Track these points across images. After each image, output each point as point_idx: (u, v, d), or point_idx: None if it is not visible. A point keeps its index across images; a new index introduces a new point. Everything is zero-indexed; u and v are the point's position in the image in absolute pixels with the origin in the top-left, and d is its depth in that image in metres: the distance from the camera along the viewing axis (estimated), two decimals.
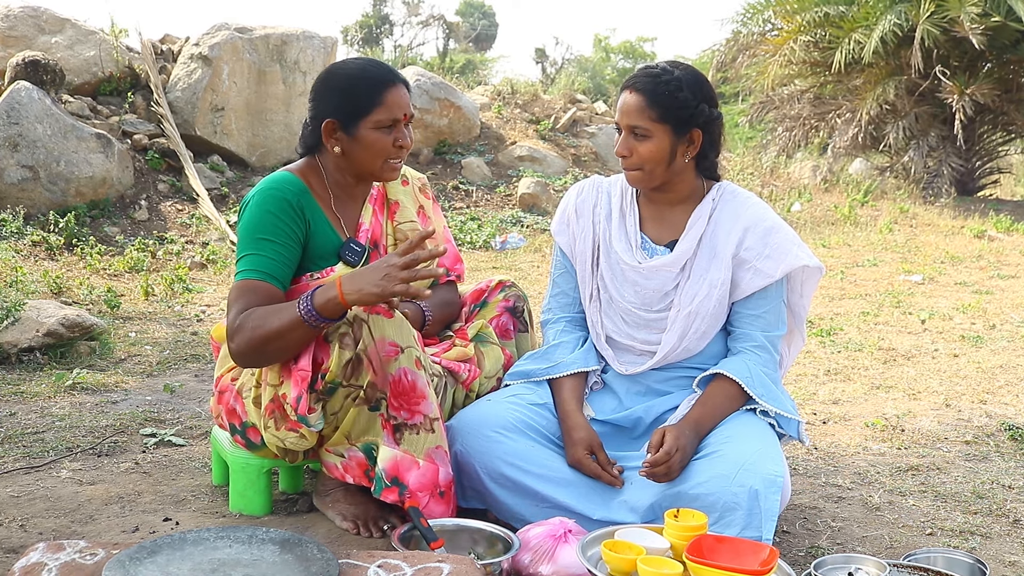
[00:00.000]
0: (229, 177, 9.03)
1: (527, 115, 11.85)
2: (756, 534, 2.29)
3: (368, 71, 2.57)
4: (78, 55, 8.90)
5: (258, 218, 2.51)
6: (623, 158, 2.60)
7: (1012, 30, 11.29)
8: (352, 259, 2.62)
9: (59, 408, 3.74)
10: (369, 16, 33.36)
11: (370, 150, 2.56)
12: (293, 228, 2.52)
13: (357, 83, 2.55)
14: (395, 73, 2.60)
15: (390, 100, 2.54)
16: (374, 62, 2.63)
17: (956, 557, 2.37)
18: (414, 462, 2.41)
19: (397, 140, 2.57)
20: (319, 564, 1.91)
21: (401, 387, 2.39)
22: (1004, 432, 3.67)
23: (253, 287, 2.43)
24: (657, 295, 2.67)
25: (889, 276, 7.61)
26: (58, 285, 5.78)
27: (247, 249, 2.49)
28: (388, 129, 2.55)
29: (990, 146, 13.11)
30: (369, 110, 2.53)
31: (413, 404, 2.40)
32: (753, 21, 13.40)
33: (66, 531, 2.59)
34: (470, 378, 2.75)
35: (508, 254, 8.30)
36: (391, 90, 2.55)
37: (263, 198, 2.53)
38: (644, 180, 2.62)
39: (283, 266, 2.50)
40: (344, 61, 2.69)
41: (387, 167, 2.61)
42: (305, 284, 2.56)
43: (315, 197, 2.60)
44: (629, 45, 36.69)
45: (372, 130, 2.54)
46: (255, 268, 2.46)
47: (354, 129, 2.55)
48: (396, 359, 2.37)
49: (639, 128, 2.55)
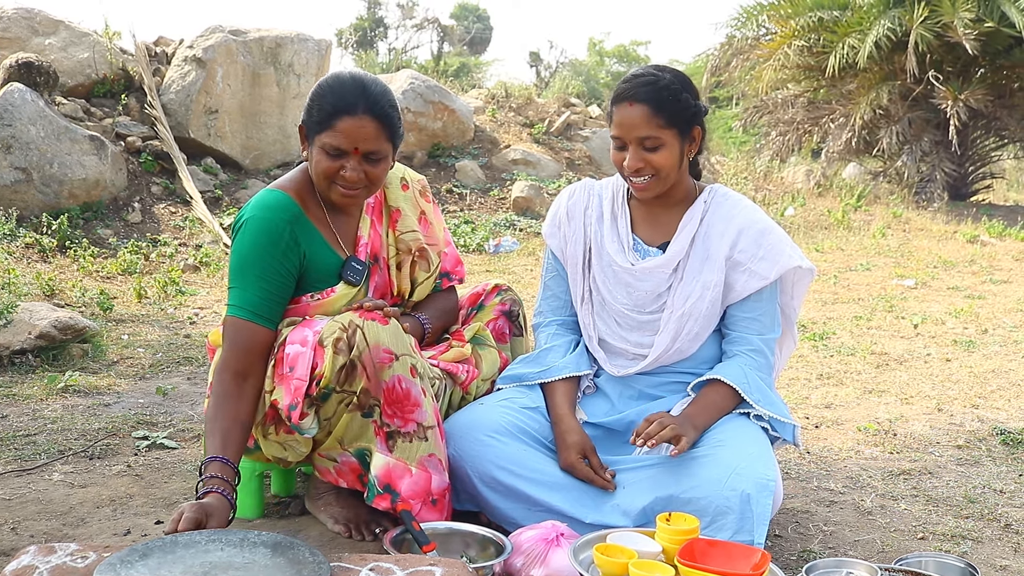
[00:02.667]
0: (223, 179, 9.02)
1: (521, 118, 11.85)
2: (748, 538, 2.29)
3: (339, 91, 2.46)
4: (72, 57, 8.88)
5: (248, 250, 2.48)
6: (636, 171, 2.56)
7: (1005, 36, 11.33)
8: (354, 279, 2.60)
9: (51, 411, 3.73)
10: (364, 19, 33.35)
11: (315, 168, 2.50)
12: (284, 263, 2.49)
13: (323, 97, 2.48)
14: (369, 105, 2.45)
15: (340, 128, 2.44)
16: (358, 85, 2.48)
17: (947, 561, 2.38)
18: (407, 470, 2.40)
19: (342, 170, 2.47)
20: (311, 567, 1.91)
21: (395, 395, 2.37)
22: (996, 436, 3.68)
23: (240, 327, 2.45)
24: (650, 297, 2.67)
25: (882, 280, 7.63)
26: (51, 287, 5.77)
27: (237, 282, 2.49)
28: (333, 156, 2.47)
29: (983, 151, 13.15)
30: (319, 129, 2.47)
31: (407, 412, 2.39)
32: (747, 25, 13.42)
33: (57, 534, 2.58)
34: (468, 379, 2.74)
35: (502, 257, 8.30)
36: (346, 120, 2.43)
37: (255, 228, 2.49)
38: (659, 187, 2.60)
39: (271, 302, 2.48)
40: (340, 72, 2.57)
41: (334, 191, 2.51)
42: (304, 304, 2.55)
43: (310, 217, 2.56)
44: (623, 49, 36.74)
45: (319, 149, 2.48)
46: (243, 305, 2.46)
47: (312, 141, 2.51)
48: (390, 366, 2.36)
49: (650, 139, 2.53)
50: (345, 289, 2.58)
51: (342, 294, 2.57)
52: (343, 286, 2.58)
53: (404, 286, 2.75)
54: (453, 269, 2.89)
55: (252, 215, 2.50)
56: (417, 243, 2.75)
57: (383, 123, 2.47)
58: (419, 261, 2.75)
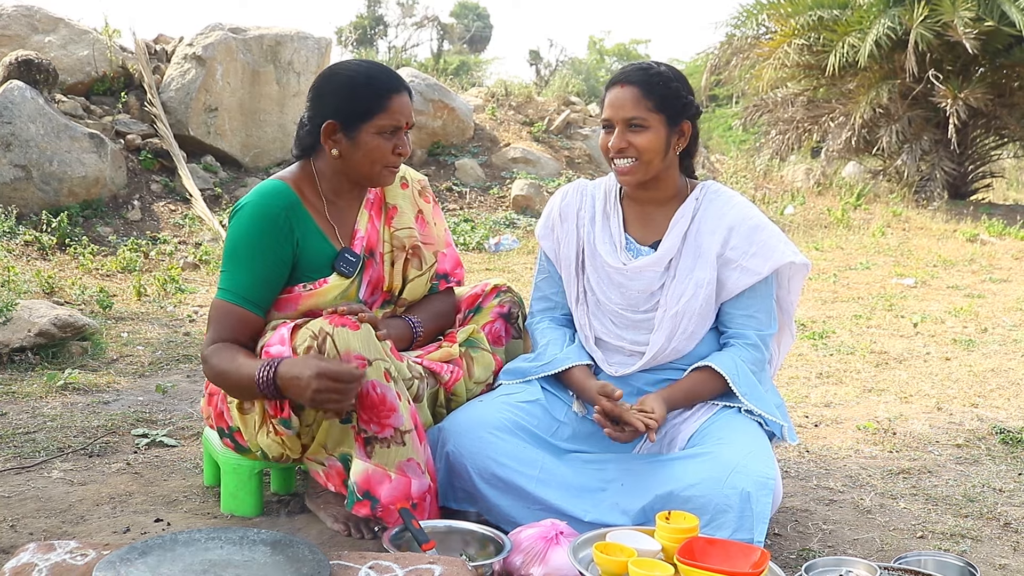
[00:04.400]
0: (222, 177, 9.01)
1: (521, 117, 11.85)
2: (747, 536, 2.29)
3: (374, 75, 2.55)
4: (71, 54, 8.88)
5: (243, 234, 2.50)
6: (620, 151, 2.59)
7: (1005, 35, 11.32)
8: (347, 270, 2.60)
9: (50, 408, 3.73)
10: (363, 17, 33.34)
11: (370, 155, 2.54)
12: (278, 249, 2.51)
13: (362, 86, 2.52)
14: (401, 80, 2.59)
15: (394, 106, 2.53)
16: (379, 66, 2.61)
17: (947, 560, 2.38)
18: (385, 475, 2.39)
19: (397, 147, 2.55)
20: (310, 565, 1.91)
21: (370, 400, 2.35)
22: (995, 435, 3.68)
23: (228, 311, 2.47)
24: (643, 296, 2.67)
25: (881, 279, 7.62)
26: (50, 285, 5.77)
27: (228, 266, 2.51)
28: (389, 135, 2.54)
29: (983, 150, 13.13)
30: (372, 114, 2.51)
31: (383, 417, 2.37)
32: (747, 24, 13.40)
33: (57, 531, 2.58)
34: (452, 379, 2.70)
35: (501, 256, 8.30)
36: (396, 97, 2.53)
37: (250, 212, 2.52)
38: (640, 172, 2.61)
39: (262, 288, 2.50)
40: (347, 62, 2.65)
41: (384, 173, 2.59)
42: (297, 294, 2.55)
43: (307, 207, 2.58)
44: (623, 47, 36.75)
45: (373, 135, 2.52)
46: (233, 289, 2.48)
47: (354, 132, 2.52)
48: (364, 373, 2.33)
49: (636, 119, 2.56)
50: (338, 280, 2.58)
51: (334, 285, 2.57)
52: (336, 277, 2.58)
53: (395, 282, 2.74)
54: (452, 271, 2.89)
55: (248, 201, 2.54)
56: (412, 240, 2.75)
57: (411, 96, 2.61)
58: (412, 259, 2.76)
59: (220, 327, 2.47)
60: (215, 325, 2.48)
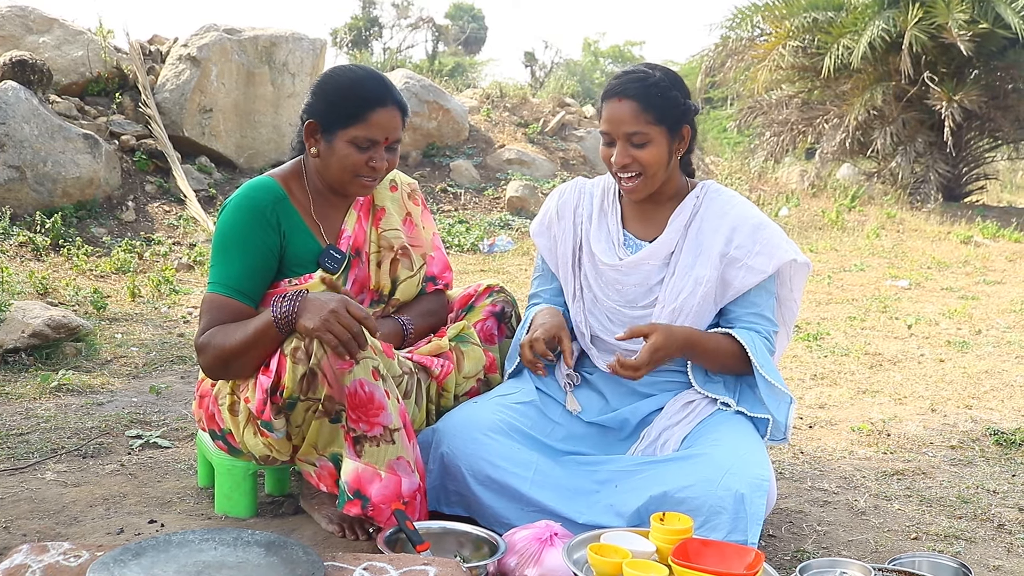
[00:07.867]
0: (217, 178, 9.01)
1: (516, 118, 11.86)
2: (742, 538, 2.29)
3: (365, 85, 2.54)
4: (66, 55, 8.87)
5: (230, 227, 2.52)
6: (623, 167, 2.58)
7: (999, 37, 11.34)
8: (331, 266, 2.61)
9: (44, 409, 3.73)
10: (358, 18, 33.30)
11: (340, 162, 2.54)
12: (265, 239, 2.52)
13: (348, 93, 2.53)
14: (393, 95, 2.56)
15: (375, 120, 2.52)
16: (375, 78, 2.59)
17: (941, 561, 2.38)
18: (376, 474, 2.38)
19: (371, 160, 2.54)
20: (305, 566, 1.91)
21: (358, 399, 2.35)
22: (989, 437, 3.68)
23: (220, 304, 2.48)
24: (640, 291, 2.67)
25: (876, 281, 7.64)
26: (44, 286, 5.75)
27: (218, 259, 2.52)
28: (363, 147, 2.53)
29: (977, 152, 13.16)
30: (350, 123, 2.51)
31: (372, 416, 2.36)
32: (742, 26, 13.42)
33: (50, 533, 2.58)
34: (443, 373, 2.71)
35: (496, 257, 8.30)
36: (379, 111, 2.52)
37: (237, 206, 2.54)
38: (646, 187, 2.61)
39: (252, 279, 2.51)
40: (350, 67, 2.64)
41: (355, 183, 2.58)
42: (283, 289, 2.55)
43: (294, 203, 2.60)
44: (618, 49, 36.75)
45: (346, 143, 2.52)
46: (223, 282, 2.49)
47: (332, 137, 2.54)
48: (351, 371, 2.33)
49: (638, 134, 2.55)
50: (322, 276, 2.58)
51: (319, 281, 2.57)
52: (320, 273, 2.59)
53: (384, 283, 2.75)
54: (440, 274, 2.91)
55: (235, 197, 2.57)
56: (399, 242, 2.76)
57: (403, 112, 2.59)
58: (401, 259, 2.77)
59: (212, 320, 2.46)
60: (206, 317, 2.47)
